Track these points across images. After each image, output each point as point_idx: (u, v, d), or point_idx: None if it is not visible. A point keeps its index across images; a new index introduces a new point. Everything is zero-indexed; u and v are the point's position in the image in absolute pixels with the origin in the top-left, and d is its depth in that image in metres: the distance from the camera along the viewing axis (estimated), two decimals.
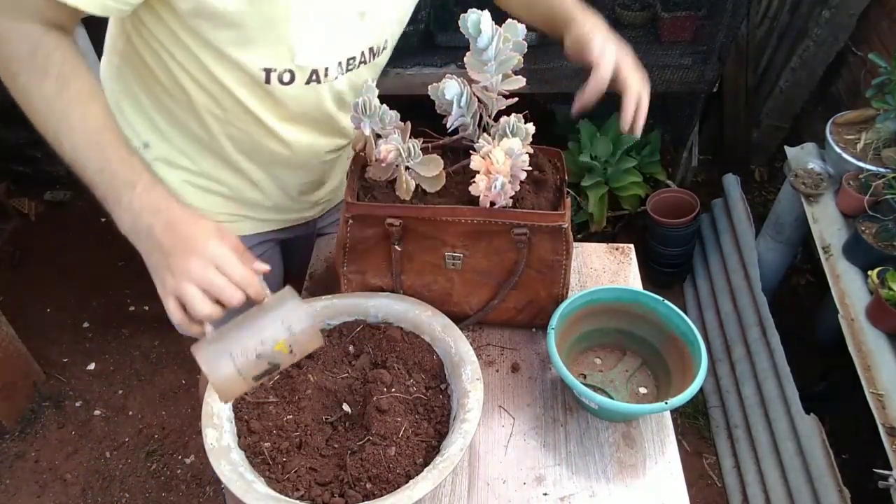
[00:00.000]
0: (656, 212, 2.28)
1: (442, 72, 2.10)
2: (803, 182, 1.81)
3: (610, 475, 0.96)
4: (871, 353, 1.46)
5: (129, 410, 2.13)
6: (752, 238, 2.08)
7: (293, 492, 0.86)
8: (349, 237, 1.03)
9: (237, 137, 1.04)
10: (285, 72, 0.93)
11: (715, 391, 2.07)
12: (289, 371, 0.99)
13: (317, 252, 1.29)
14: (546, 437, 1.00)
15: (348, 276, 1.09)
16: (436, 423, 0.94)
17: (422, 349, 1.02)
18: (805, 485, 1.58)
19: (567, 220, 0.98)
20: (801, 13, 2.33)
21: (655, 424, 1.01)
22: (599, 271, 1.23)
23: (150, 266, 0.82)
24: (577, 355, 1.10)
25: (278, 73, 0.92)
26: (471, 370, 0.95)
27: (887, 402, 1.37)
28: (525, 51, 0.92)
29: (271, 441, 0.91)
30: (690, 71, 2.14)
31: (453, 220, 0.98)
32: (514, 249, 1.01)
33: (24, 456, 2.00)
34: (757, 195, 2.57)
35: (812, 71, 2.33)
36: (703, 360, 0.96)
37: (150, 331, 2.35)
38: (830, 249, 1.67)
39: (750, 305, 2.00)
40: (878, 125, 1.71)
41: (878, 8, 2.10)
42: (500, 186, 0.93)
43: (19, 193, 2.72)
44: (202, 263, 0.77)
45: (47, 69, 0.80)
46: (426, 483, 0.82)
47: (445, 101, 0.94)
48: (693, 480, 1.92)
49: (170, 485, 1.95)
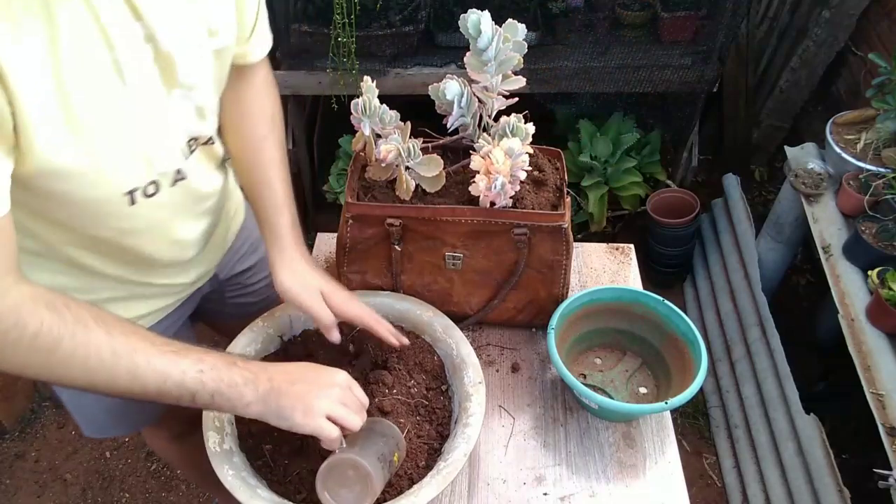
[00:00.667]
0: (656, 212, 2.28)
1: (442, 72, 2.10)
2: (803, 182, 1.81)
3: (610, 475, 0.96)
4: (871, 353, 1.46)
5: None
6: (752, 238, 2.07)
7: (295, 494, 0.86)
8: (349, 237, 1.03)
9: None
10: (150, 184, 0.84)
11: (715, 391, 2.07)
12: None
13: (317, 252, 1.29)
14: (546, 437, 1.00)
15: (348, 276, 1.09)
16: (437, 424, 0.94)
17: (422, 350, 1.02)
18: (805, 485, 1.58)
19: (567, 220, 0.98)
20: (801, 13, 2.33)
21: (655, 424, 1.01)
22: (599, 271, 1.23)
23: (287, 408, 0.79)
24: (577, 355, 1.10)
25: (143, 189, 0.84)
26: (473, 373, 0.95)
27: (887, 402, 1.37)
28: (525, 51, 0.92)
29: (272, 444, 0.91)
30: (690, 71, 2.14)
31: (453, 220, 0.98)
32: (514, 249, 1.01)
33: (24, 456, 2.00)
34: (757, 195, 2.57)
35: (812, 71, 2.33)
36: (703, 360, 0.96)
37: None
38: (830, 249, 1.67)
39: (750, 305, 1.99)
40: (878, 125, 1.71)
41: (878, 8, 2.10)
42: (500, 186, 0.93)
43: None
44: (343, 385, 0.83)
45: (81, 317, 0.70)
46: (430, 489, 0.82)
47: (446, 102, 0.94)
48: (693, 480, 1.92)
49: (170, 485, 1.95)
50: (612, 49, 2.15)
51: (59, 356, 0.68)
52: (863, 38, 2.17)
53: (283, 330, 1.02)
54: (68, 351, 0.68)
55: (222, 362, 0.77)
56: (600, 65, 2.13)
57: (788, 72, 2.37)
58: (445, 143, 1.04)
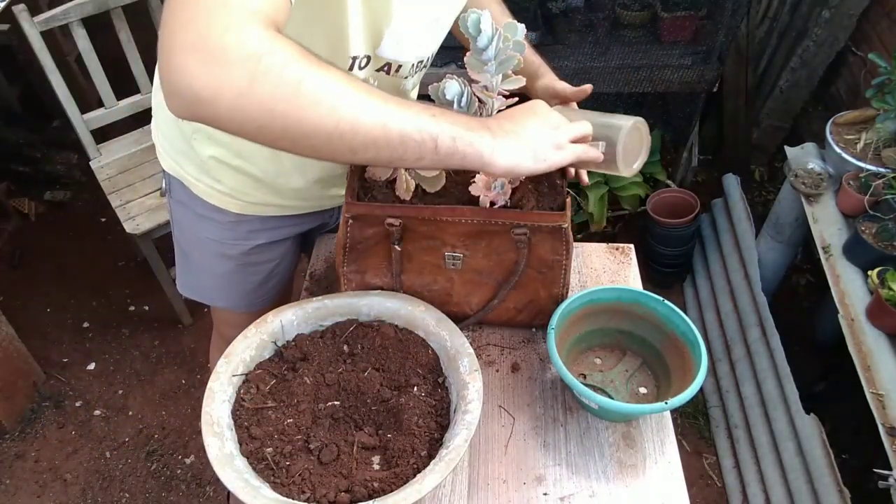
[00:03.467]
0: (656, 212, 2.28)
1: (442, 72, 2.10)
2: (803, 182, 1.81)
3: (610, 475, 0.96)
4: (871, 353, 1.46)
5: (129, 410, 2.13)
6: (752, 238, 2.07)
7: (299, 494, 0.86)
8: (349, 237, 1.03)
9: None
10: (364, 57, 0.92)
11: (715, 391, 2.07)
12: (284, 375, 0.99)
13: (317, 252, 1.29)
14: (546, 437, 1.00)
15: (348, 275, 1.09)
16: (437, 416, 0.94)
17: (416, 344, 1.02)
18: (805, 485, 1.58)
19: (567, 219, 0.98)
20: (801, 13, 2.33)
21: (655, 424, 1.01)
22: (599, 271, 1.23)
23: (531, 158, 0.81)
24: (577, 355, 1.10)
25: (359, 60, 0.92)
26: (468, 362, 0.95)
27: (887, 402, 1.37)
28: (525, 51, 0.92)
29: (273, 446, 0.91)
30: (690, 71, 2.15)
31: (453, 220, 0.98)
32: (514, 249, 1.01)
33: (24, 456, 2.00)
34: (757, 195, 2.57)
35: (812, 71, 2.33)
36: (703, 360, 0.96)
37: (150, 331, 2.35)
38: (830, 249, 1.67)
39: (750, 305, 2.00)
40: (878, 125, 1.71)
41: (878, 8, 2.10)
42: (500, 186, 0.93)
43: (19, 193, 2.71)
44: (554, 133, 0.84)
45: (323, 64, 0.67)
46: (434, 476, 0.82)
47: (446, 101, 0.94)
48: (693, 480, 1.92)
49: (170, 485, 1.95)
50: (612, 49, 2.15)
51: (306, 88, 0.64)
52: (863, 38, 2.17)
53: (275, 335, 1.03)
54: (314, 88, 0.65)
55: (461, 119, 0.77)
56: (600, 65, 2.13)
57: (788, 72, 2.37)
58: None
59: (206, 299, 1.35)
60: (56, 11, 1.85)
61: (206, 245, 1.23)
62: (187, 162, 1.13)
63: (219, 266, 1.25)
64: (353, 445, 0.92)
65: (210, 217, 1.17)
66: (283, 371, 1.00)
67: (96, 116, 2.06)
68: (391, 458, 0.90)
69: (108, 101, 2.06)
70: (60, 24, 1.87)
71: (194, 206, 1.18)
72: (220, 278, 1.28)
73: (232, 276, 1.26)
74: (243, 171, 1.10)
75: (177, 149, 1.14)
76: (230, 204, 1.15)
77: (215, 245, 1.22)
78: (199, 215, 1.18)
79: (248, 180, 1.12)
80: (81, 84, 2.56)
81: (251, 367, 0.99)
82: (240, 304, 1.32)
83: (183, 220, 1.24)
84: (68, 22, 1.87)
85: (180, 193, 1.19)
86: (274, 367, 1.00)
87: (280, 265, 1.30)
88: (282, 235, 1.24)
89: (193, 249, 1.27)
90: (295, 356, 1.01)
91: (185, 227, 1.25)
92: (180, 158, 1.14)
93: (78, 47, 1.92)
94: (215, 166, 1.10)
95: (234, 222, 1.18)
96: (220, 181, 1.12)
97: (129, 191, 2.08)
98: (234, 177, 1.11)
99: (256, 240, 1.22)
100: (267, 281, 1.30)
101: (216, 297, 1.34)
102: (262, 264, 1.27)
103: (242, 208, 1.16)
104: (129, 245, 2.52)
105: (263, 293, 1.32)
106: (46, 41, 1.87)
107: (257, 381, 0.98)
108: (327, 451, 0.91)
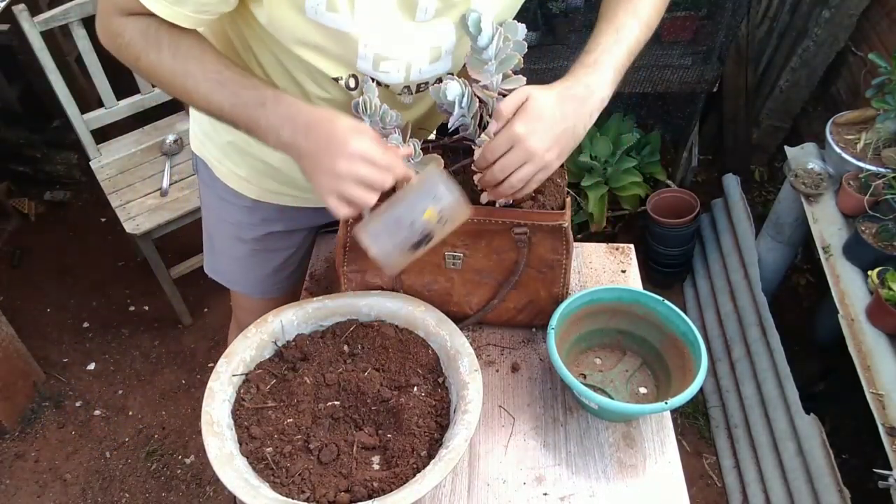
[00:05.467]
0: (656, 212, 2.28)
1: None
2: (803, 182, 1.81)
3: (610, 475, 0.96)
4: (871, 353, 1.46)
5: (129, 410, 2.13)
6: (752, 238, 2.07)
7: (299, 494, 0.86)
8: (349, 237, 1.04)
9: None
10: (350, 76, 0.94)
11: (715, 391, 2.07)
12: (284, 375, 0.99)
13: (317, 252, 1.30)
14: (546, 437, 1.00)
15: (348, 275, 1.09)
16: (437, 416, 0.94)
17: (416, 344, 1.02)
18: (805, 485, 1.58)
19: (567, 219, 0.98)
20: (801, 13, 2.33)
21: (655, 424, 1.01)
22: (599, 271, 1.23)
23: (304, 172, 0.86)
24: (577, 355, 1.10)
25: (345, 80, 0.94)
26: (468, 362, 0.95)
27: (887, 402, 1.37)
28: (525, 51, 0.92)
29: (273, 446, 0.91)
30: (690, 71, 2.14)
31: None
32: (515, 249, 1.01)
33: (24, 456, 2.00)
34: (757, 195, 2.57)
35: (812, 71, 2.33)
36: (703, 360, 0.96)
37: (150, 331, 2.35)
38: (830, 249, 1.67)
39: (750, 305, 2.00)
40: (878, 125, 1.71)
41: (878, 8, 2.10)
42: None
43: (19, 193, 2.71)
44: (349, 161, 0.82)
45: (160, 43, 0.86)
46: (434, 475, 0.82)
47: (447, 102, 0.93)
48: (693, 480, 1.92)
49: (170, 485, 1.95)
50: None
51: (142, 65, 0.88)
52: (863, 38, 2.17)
53: (276, 335, 1.03)
54: (146, 65, 0.87)
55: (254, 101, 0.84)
56: None
57: (788, 72, 2.37)
58: (445, 143, 1.05)
59: (224, 281, 1.39)
60: (56, 11, 1.85)
61: (225, 228, 1.27)
62: (211, 144, 1.17)
63: (235, 249, 1.29)
64: (352, 445, 0.92)
65: (230, 200, 1.21)
66: (284, 371, 1.00)
67: (96, 116, 2.06)
68: (391, 458, 0.90)
69: (108, 101, 2.06)
70: (60, 24, 1.87)
71: (216, 189, 1.21)
72: (237, 262, 1.32)
73: (247, 260, 1.30)
74: (259, 157, 1.12)
75: (204, 130, 1.18)
76: (248, 189, 1.18)
77: (232, 228, 1.25)
78: (220, 198, 1.22)
79: (265, 167, 1.14)
80: (81, 84, 2.56)
81: (251, 367, 0.99)
82: (255, 290, 1.36)
83: (208, 201, 1.28)
84: (68, 22, 1.87)
85: (205, 174, 1.23)
86: (274, 366, 1.00)
87: (295, 255, 1.32)
88: (296, 226, 1.26)
89: (216, 232, 1.31)
90: (295, 356, 1.01)
91: (210, 209, 1.29)
92: (206, 140, 1.18)
93: (78, 47, 1.92)
94: (233, 151, 1.13)
95: (251, 208, 1.20)
96: (240, 166, 1.15)
97: (129, 191, 2.08)
98: (252, 163, 1.14)
99: (271, 227, 1.24)
100: (282, 269, 1.32)
101: (233, 281, 1.38)
102: (277, 252, 1.29)
103: (259, 195, 1.18)
104: (129, 245, 2.52)
105: (278, 282, 1.34)
106: (46, 41, 1.87)
107: (257, 380, 0.98)
108: (327, 451, 0.91)
